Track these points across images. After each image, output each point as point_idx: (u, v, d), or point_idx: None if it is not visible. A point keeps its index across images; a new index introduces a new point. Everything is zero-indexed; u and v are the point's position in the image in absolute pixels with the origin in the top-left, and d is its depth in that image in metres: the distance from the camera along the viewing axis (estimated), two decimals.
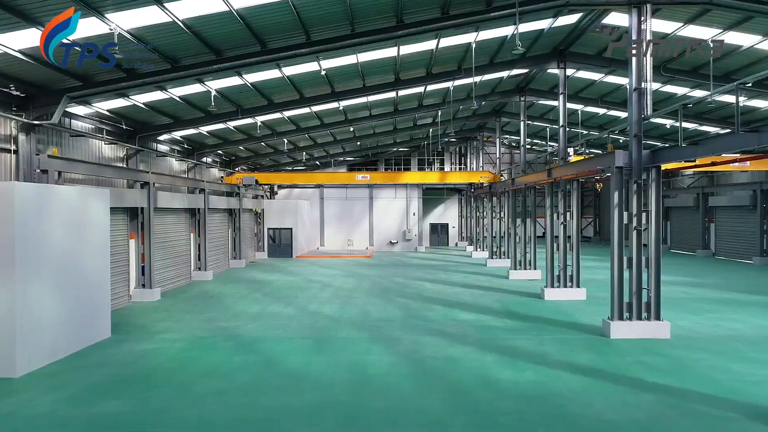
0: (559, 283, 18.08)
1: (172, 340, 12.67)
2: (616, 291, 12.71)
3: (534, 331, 13.32)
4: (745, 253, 29.91)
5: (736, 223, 31.26)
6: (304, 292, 19.71)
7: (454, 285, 21.36)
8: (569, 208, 17.98)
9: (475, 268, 27.24)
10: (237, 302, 17.74)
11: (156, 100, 16.00)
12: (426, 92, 21.75)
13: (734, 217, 31.44)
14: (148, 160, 19.93)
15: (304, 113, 21.53)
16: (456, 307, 16.68)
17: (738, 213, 30.99)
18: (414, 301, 17.75)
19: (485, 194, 29.95)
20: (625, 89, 20.94)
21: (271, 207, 34.67)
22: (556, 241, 18.15)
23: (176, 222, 21.84)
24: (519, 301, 17.57)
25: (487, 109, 29.04)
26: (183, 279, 22.21)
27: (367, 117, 23.96)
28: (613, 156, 12.68)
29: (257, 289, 20.54)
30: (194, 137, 22.51)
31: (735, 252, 31.01)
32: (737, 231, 31.19)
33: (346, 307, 16.62)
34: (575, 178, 17.36)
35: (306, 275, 24.93)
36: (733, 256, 31.03)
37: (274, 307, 16.85)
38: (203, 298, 18.58)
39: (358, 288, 20.78)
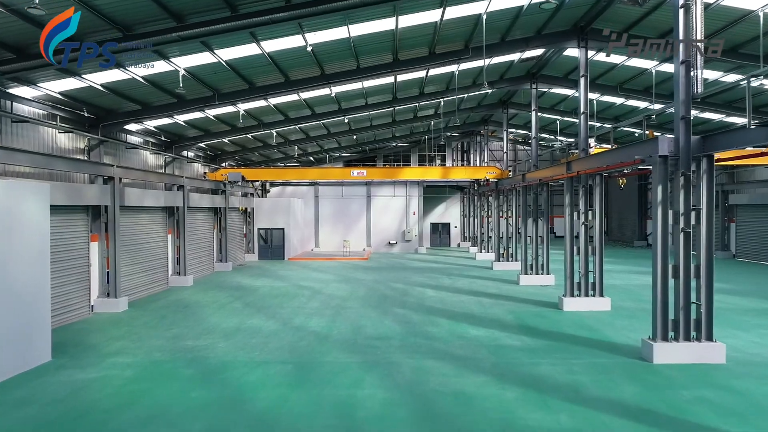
0: (579, 292, 15.91)
1: (123, 365, 10.48)
2: (659, 306, 10.53)
3: (559, 353, 11.14)
4: (766, 255, 27.77)
5: (758, 223, 29.11)
6: (292, 301, 17.52)
7: (459, 292, 19.17)
8: (592, 206, 15.81)
9: (480, 272, 25.06)
10: (213, 314, 15.55)
11: (115, 80, 13.79)
12: (428, 77, 19.57)
13: (756, 217, 29.28)
14: (116, 152, 17.73)
15: (291, 101, 19.32)
16: (463, 319, 14.50)
17: (760, 212, 28.82)
18: (415, 312, 15.57)
19: (491, 192, 27.76)
20: (649, 74, 18.86)
21: (262, 206, 32.46)
22: (576, 243, 15.99)
23: (150, 222, 19.65)
24: (535, 313, 15.39)
25: (494, 99, 26.83)
26: (158, 285, 20.01)
27: (362, 106, 21.76)
28: (655, 143, 10.48)
29: (239, 297, 18.35)
30: (170, 128, 20.30)
31: (755, 254, 28.89)
32: (759, 231, 29.01)
33: (337, 321, 14.43)
34: (598, 172, 15.19)
35: (296, 280, 22.74)
36: (753, 258, 28.92)
37: (254, 320, 14.66)
38: (176, 309, 16.39)
39: (352, 296, 18.60)
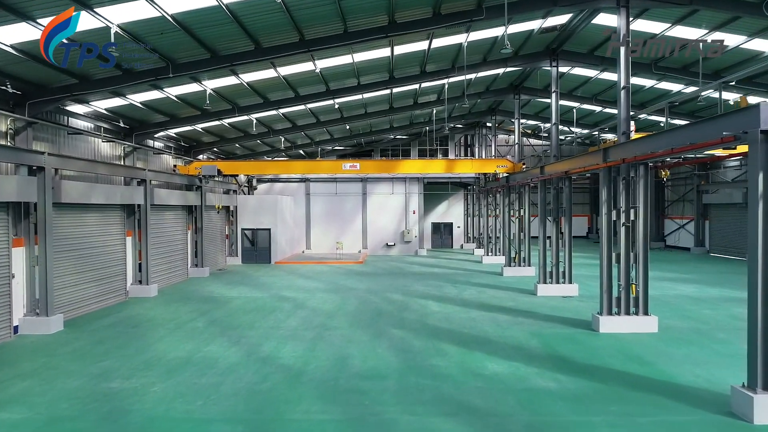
0: (619, 309, 12.91)
1: (6, 426, 7.47)
2: (761, 345, 7.49)
3: (614, 403, 8.12)
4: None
5: (730, 221, 30.04)
6: (266, 318, 14.49)
7: (467, 306, 16.15)
8: (635, 203, 12.78)
9: (489, 279, 22.03)
10: (165, 336, 12.51)
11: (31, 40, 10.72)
12: (430, 52, 16.51)
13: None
14: (53, 138, 14.68)
15: (268, 78, 16.23)
16: (477, 346, 11.48)
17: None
18: (416, 335, 12.55)
19: (501, 188, 24.73)
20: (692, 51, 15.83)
21: (246, 204, 29.39)
22: (613, 248, 12.98)
23: (101, 222, 16.60)
24: (565, 336, 12.37)
25: (504, 83, 23.76)
26: (113, 297, 16.97)
27: (355, 87, 18.67)
28: (756, 112, 7.45)
29: (205, 313, 15.31)
30: (128, 112, 17.23)
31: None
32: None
33: (317, 348, 11.40)
34: (643, 162, 12.18)
35: (278, 289, 19.70)
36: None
37: (213, 345, 11.63)
38: (122, 329, 13.35)
39: (340, 310, 15.57)
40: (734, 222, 29.92)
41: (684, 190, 34.77)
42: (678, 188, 35.66)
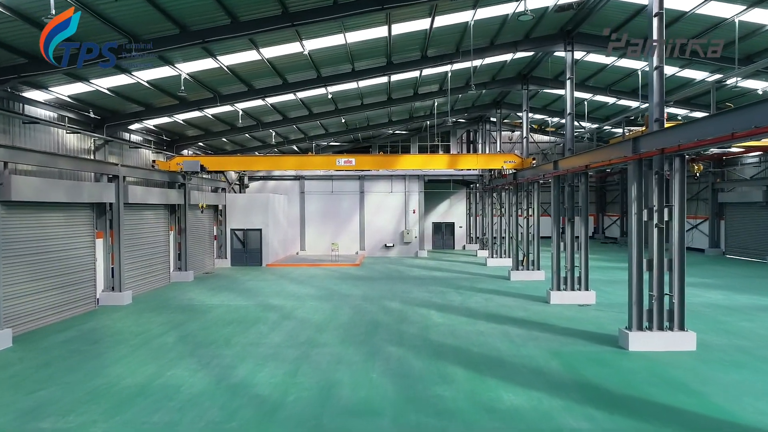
0: (650, 324, 11.19)
1: None
2: None
3: None
4: None
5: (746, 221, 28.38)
6: (247, 332, 12.77)
7: (474, 316, 14.43)
8: (670, 201, 11.05)
9: (496, 284, 20.32)
10: (125, 357, 10.78)
11: None
12: (432, 33, 14.81)
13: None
14: (5, 128, 12.96)
15: (251, 62, 14.52)
16: (488, 369, 9.76)
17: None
18: (416, 353, 10.83)
19: (509, 185, 22.99)
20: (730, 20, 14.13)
21: (235, 202, 27.65)
22: (645, 253, 11.26)
23: (65, 223, 14.87)
24: (589, 355, 10.65)
25: (512, 72, 22.02)
26: (80, 306, 15.25)
27: (349, 73, 16.93)
28: None
29: (179, 325, 13.58)
30: (96, 100, 15.50)
31: None
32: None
33: (301, 372, 9.68)
34: (678, 154, 10.44)
35: (266, 296, 17.98)
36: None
37: (178, 369, 9.90)
38: (77, 346, 11.62)
39: (331, 322, 13.85)
40: (752, 222, 28.35)
41: (698, 188, 33.04)
42: (690, 186, 33.93)
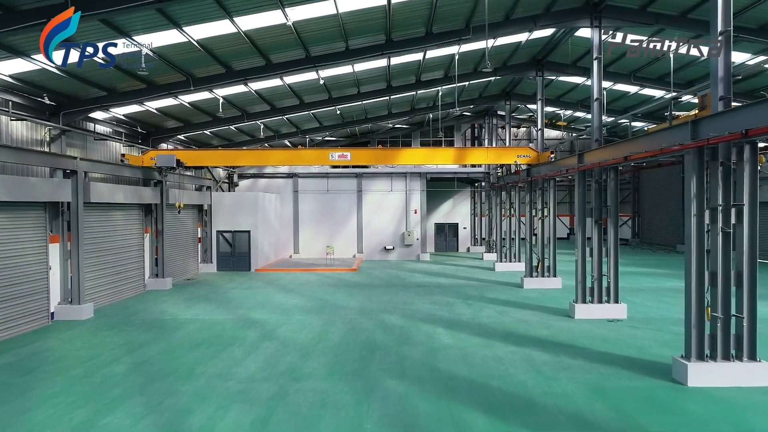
0: (713, 352, 8.99)
1: None
2: None
3: None
4: None
5: None
6: (216, 358, 10.56)
7: (489, 335, 12.22)
8: (737, 200, 8.85)
9: (508, 293, 18.12)
10: (56, 395, 8.57)
11: None
12: (439, 3, 12.60)
13: None
14: None
15: (226, 35, 12.31)
16: (514, 415, 7.55)
17: None
18: (422, 391, 8.62)
19: (522, 182, 20.76)
20: None
21: (222, 202, 25.45)
22: (709, 261, 9.06)
23: (11, 225, 12.67)
24: (640, 393, 8.45)
25: (525, 56, 19.78)
26: (30, 322, 13.05)
27: (342, 52, 14.70)
28: None
29: (138, 348, 11.38)
30: (46, 82, 13.30)
31: None
32: None
33: (273, 419, 7.46)
34: (753, 139, 8.24)
35: (248, 308, 15.78)
36: None
37: (117, 414, 7.70)
38: (8, 377, 9.40)
39: (319, 343, 11.64)
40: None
41: None
42: None
